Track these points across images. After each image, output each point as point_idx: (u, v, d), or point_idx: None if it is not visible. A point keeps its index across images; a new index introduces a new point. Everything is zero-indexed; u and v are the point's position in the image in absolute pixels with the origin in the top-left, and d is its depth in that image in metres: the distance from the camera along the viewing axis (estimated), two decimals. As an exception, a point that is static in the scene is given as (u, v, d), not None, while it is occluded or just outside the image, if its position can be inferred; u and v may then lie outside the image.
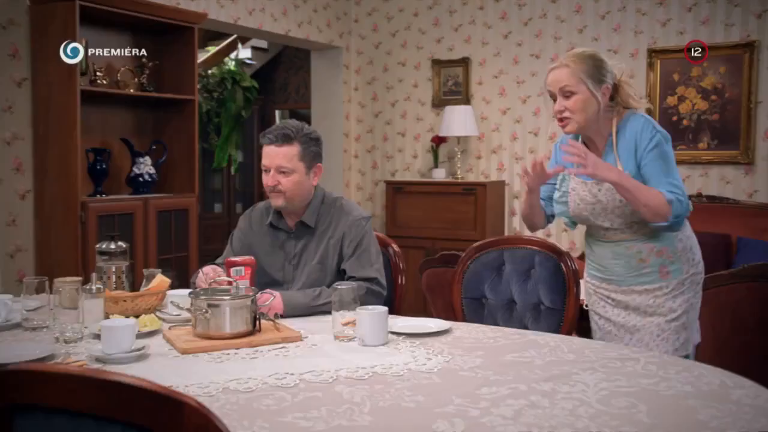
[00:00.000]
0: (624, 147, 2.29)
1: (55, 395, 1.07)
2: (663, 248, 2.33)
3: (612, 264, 2.39)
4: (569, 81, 2.25)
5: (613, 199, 2.28)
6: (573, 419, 1.36)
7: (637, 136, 2.27)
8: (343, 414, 1.41)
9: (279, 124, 2.57)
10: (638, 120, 2.31)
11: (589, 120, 2.29)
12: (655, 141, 2.26)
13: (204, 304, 2.00)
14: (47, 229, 4.04)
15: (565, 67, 2.28)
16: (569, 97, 2.27)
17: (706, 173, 5.33)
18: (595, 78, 2.25)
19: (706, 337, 2.96)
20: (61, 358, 1.80)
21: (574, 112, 2.27)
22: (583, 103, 2.26)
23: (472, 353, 1.86)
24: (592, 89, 2.25)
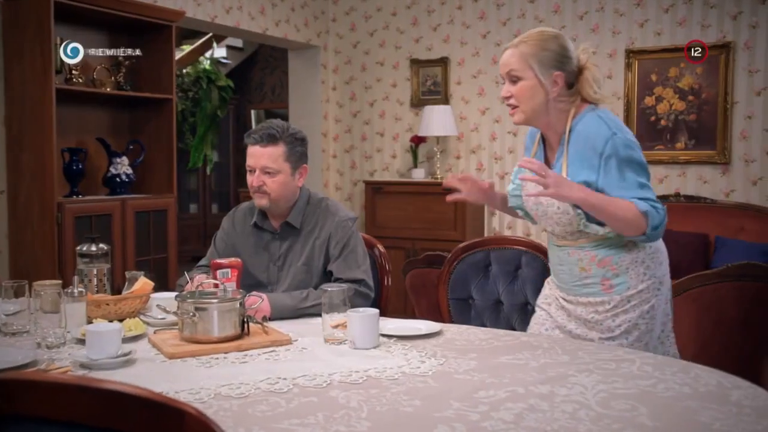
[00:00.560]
0: (575, 150, 2.04)
1: (47, 405, 1.03)
2: (605, 258, 2.08)
3: (559, 270, 2.20)
4: (516, 65, 2.05)
5: (552, 205, 2.06)
6: (575, 423, 1.34)
7: (588, 142, 2.01)
8: (340, 420, 1.38)
9: (264, 123, 2.53)
10: (592, 120, 2.04)
11: (536, 110, 2.06)
12: (611, 148, 1.98)
13: (191, 308, 1.95)
14: (22, 230, 3.95)
15: (514, 48, 2.07)
16: (516, 82, 2.06)
17: (683, 173, 5.37)
18: (545, 63, 2.02)
19: (690, 335, 2.98)
20: (44, 365, 1.75)
21: (520, 100, 2.06)
22: (529, 91, 2.04)
23: (466, 356, 1.84)
24: (539, 75, 2.02)
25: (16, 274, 3.92)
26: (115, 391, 0.98)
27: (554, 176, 1.95)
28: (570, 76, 2.07)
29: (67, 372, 1.72)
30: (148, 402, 0.97)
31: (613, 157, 1.98)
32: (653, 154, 5.43)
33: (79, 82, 4.17)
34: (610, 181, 1.99)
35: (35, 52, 3.85)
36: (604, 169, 1.99)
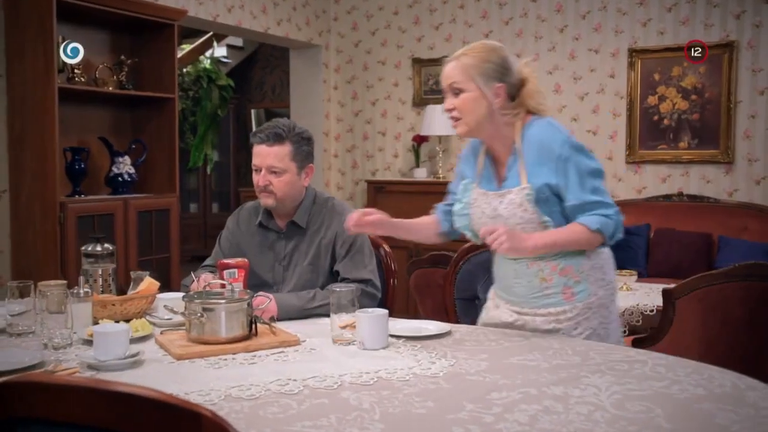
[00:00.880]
0: (531, 158, 2.04)
1: (61, 408, 1.01)
2: (567, 266, 2.07)
3: (514, 284, 2.15)
4: (458, 77, 2.02)
5: (514, 215, 2.04)
6: (591, 425, 1.33)
7: (544, 146, 2.02)
8: (353, 422, 1.37)
9: (270, 123, 2.51)
10: (542, 127, 2.06)
11: (480, 122, 2.04)
12: (566, 151, 2.00)
13: (199, 308, 1.94)
14: (24, 230, 3.94)
15: (456, 60, 2.05)
16: (458, 94, 2.03)
17: (686, 172, 5.36)
18: (487, 75, 2.01)
19: (696, 335, 2.97)
20: (51, 366, 1.73)
21: (462, 113, 2.04)
22: (472, 103, 2.02)
23: (476, 356, 1.82)
24: (482, 87, 2.01)
25: (18, 274, 3.90)
26: (129, 394, 0.97)
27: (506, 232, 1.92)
28: (511, 89, 2.06)
29: (75, 373, 1.71)
30: (163, 404, 0.96)
31: (570, 159, 2.00)
32: (656, 154, 5.42)
33: (81, 81, 4.16)
34: (570, 183, 2.00)
35: (37, 51, 3.83)
36: (562, 171, 2.00)
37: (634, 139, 5.49)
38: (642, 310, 3.68)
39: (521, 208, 2.03)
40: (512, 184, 2.07)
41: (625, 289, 3.97)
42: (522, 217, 2.03)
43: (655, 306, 3.66)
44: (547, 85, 5.83)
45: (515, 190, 2.05)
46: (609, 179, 5.64)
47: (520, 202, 2.03)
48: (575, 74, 5.72)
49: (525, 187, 2.03)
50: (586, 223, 1.99)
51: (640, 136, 5.46)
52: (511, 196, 2.05)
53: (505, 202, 2.06)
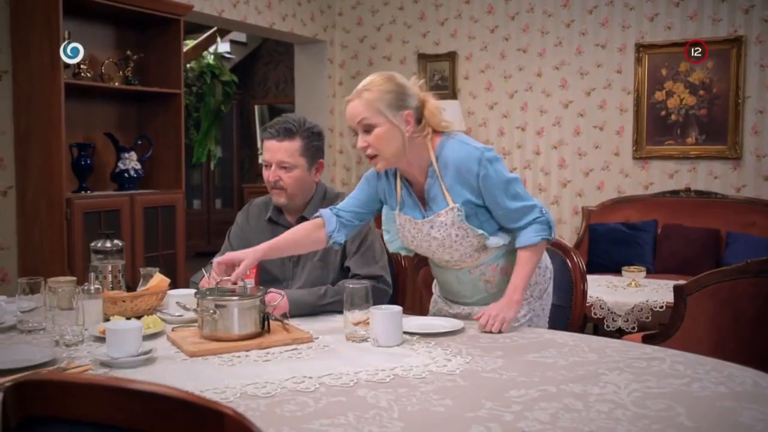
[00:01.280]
0: (450, 178, 2.08)
1: (81, 407, 1.00)
2: (506, 266, 2.17)
3: (458, 288, 2.25)
4: (365, 113, 2.02)
5: (449, 236, 2.10)
6: (612, 423, 1.31)
7: (462, 166, 2.06)
8: (372, 420, 1.35)
9: (280, 118, 2.49)
10: (455, 146, 2.09)
11: (397, 153, 2.05)
12: (484, 167, 2.05)
13: (211, 305, 1.92)
14: (31, 226, 3.92)
15: (359, 98, 2.04)
16: (370, 131, 2.03)
17: (694, 168, 5.34)
18: (393, 105, 2.01)
19: (707, 331, 2.96)
20: (64, 363, 1.72)
21: (378, 149, 2.04)
22: (386, 135, 2.02)
23: (491, 353, 1.81)
24: (391, 119, 2.01)
25: (25, 271, 3.89)
26: (152, 393, 0.95)
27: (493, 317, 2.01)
28: (416, 112, 2.08)
29: (88, 371, 1.69)
30: (186, 403, 0.94)
31: (489, 174, 2.06)
32: (663, 149, 5.40)
33: (87, 76, 4.14)
34: (494, 195, 2.07)
35: (43, 47, 3.81)
36: (484, 188, 2.07)
37: (641, 134, 5.46)
38: (651, 307, 3.67)
39: (454, 227, 2.10)
40: (438, 207, 2.12)
41: (634, 286, 3.96)
42: (457, 234, 2.10)
43: (665, 302, 3.65)
44: (553, 81, 5.81)
45: (443, 213, 2.10)
46: (616, 175, 5.63)
47: (452, 222, 2.09)
48: (582, 69, 5.69)
49: (453, 207, 2.09)
50: (529, 242, 2.09)
51: (647, 132, 5.44)
52: (441, 218, 2.10)
53: (436, 225, 2.11)
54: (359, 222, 2.29)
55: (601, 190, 5.68)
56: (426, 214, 2.15)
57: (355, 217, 2.26)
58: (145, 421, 0.96)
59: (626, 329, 3.68)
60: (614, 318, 3.70)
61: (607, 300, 3.72)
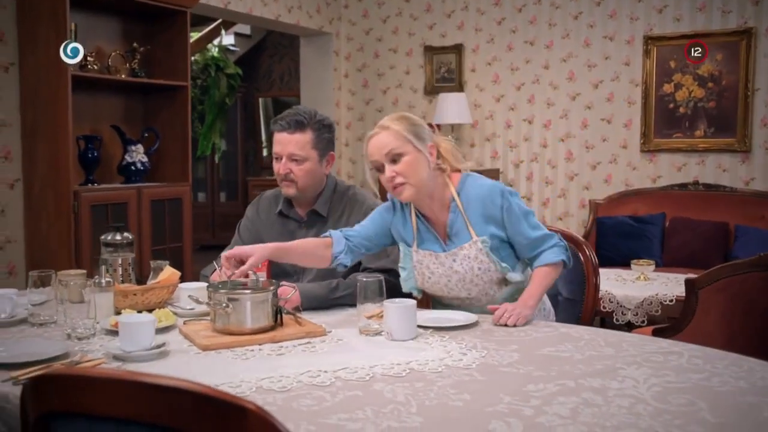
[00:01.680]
0: (474, 212, 2.15)
1: (101, 402, 0.99)
2: (520, 288, 2.19)
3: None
4: (394, 143, 2.07)
5: (471, 269, 2.14)
6: (634, 418, 1.30)
7: (486, 199, 2.14)
8: (390, 415, 1.34)
9: (291, 110, 2.47)
10: (477, 182, 2.18)
11: (424, 181, 2.11)
12: (507, 200, 2.14)
13: (224, 298, 1.91)
14: (38, 219, 3.91)
15: (385, 130, 2.10)
16: (397, 160, 2.08)
17: (702, 161, 5.32)
18: (419, 136, 2.09)
19: (718, 325, 2.94)
20: (77, 357, 1.71)
21: (407, 176, 2.07)
22: (414, 164, 2.07)
23: (507, 347, 1.79)
24: (419, 147, 2.08)
25: (32, 264, 3.88)
26: (175, 388, 0.94)
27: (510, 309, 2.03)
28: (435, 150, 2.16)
29: (101, 364, 1.68)
30: (209, 399, 0.93)
31: (511, 206, 2.14)
32: (671, 142, 5.38)
33: (94, 69, 4.12)
34: (521, 228, 2.15)
35: (50, 39, 3.80)
36: (508, 219, 2.14)
37: (649, 127, 5.44)
38: (661, 300, 3.65)
39: (477, 261, 2.14)
40: (461, 240, 2.16)
41: (643, 279, 3.94)
42: (479, 268, 2.14)
43: (675, 296, 3.63)
44: (560, 73, 5.78)
45: (466, 246, 2.14)
46: (623, 168, 5.60)
47: (475, 255, 2.13)
48: (589, 62, 5.66)
49: (477, 240, 2.13)
50: (548, 260, 2.15)
51: (655, 125, 5.42)
52: (464, 252, 2.14)
53: (459, 259, 2.15)
54: (366, 251, 2.28)
55: (608, 183, 5.66)
56: (447, 248, 2.18)
57: (362, 246, 2.26)
58: (167, 416, 0.95)
59: (635, 323, 3.66)
60: (623, 312, 3.68)
61: (616, 293, 3.70)
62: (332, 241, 2.22)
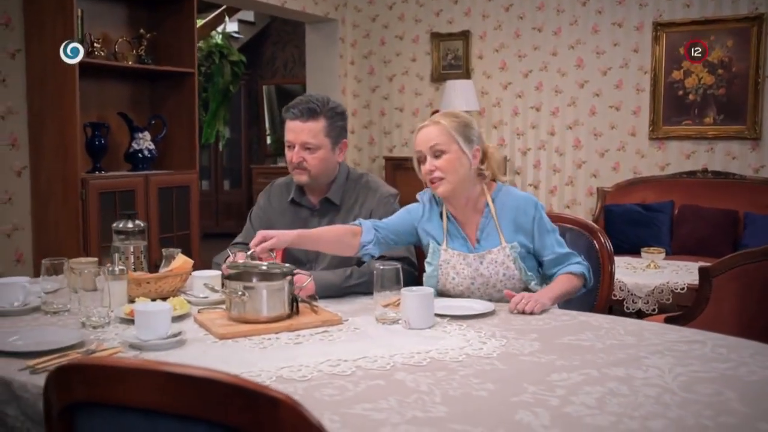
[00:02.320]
0: (506, 220, 2.20)
1: (129, 393, 0.97)
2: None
3: None
4: (440, 139, 2.13)
5: (496, 273, 2.17)
6: (662, 408, 1.28)
7: (520, 209, 2.20)
8: (414, 404, 1.32)
9: (303, 97, 2.44)
10: (512, 192, 2.25)
11: (461, 182, 2.15)
12: (539, 212, 2.20)
13: (240, 287, 1.89)
14: (45, 207, 3.89)
15: (435, 124, 2.16)
16: (440, 156, 2.14)
17: (711, 148, 5.28)
18: (466, 137, 2.15)
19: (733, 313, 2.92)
20: (93, 345, 1.69)
21: (446, 172, 2.13)
22: (456, 162, 2.13)
23: (526, 336, 1.78)
24: (463, 148, 2.13)
25: (39, 251, 3.87)
26: (205, 378, 0.93)
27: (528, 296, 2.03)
28: (481, 155, 2.21)
29: (118, 353, 1.67)
30: (241, 390, 0.91)
31: (542, 219, 2.20)
32: (680, 129, 5.34)
33: (101, 55, 4.09)
34: (549, 242, 2.20)
35: (57, 25, 3.76)
36: (538, 231, 2.19)
37: (657, 114, 5.40)
38: (672, 288, 3.63)
39: (503, 266, 2.16)
40: (490, 244, 2.19)
41: (653, 267, 3.92)
42: (504, 274, 2.17)
43: (686, 284, 3.61)
44: (568, 60, 5.74)
45: (495, 251, 2.17)
46: (632, 155, 5.57)
47: (502, 260, 2.16)
48: (598, 48, 5.62)
49: (506, 246, 2.17)
50: (572, 270, 2.18)
51: (664, 112, 5.38)
52: (492, 256, 2.17)
53: (486, 262, 2.17)
54: (393, 245, 2.29)
55: (616, 170, 5.63)
56: (475, 250, 2.20)
57: (390, 239, 2.27)
58: (196, 407, 0.93)
59: (646, 311, 3.64)
60: (634, 300, 3.66)
61: (626, 281, 3.68)
62: (362, 230, 2.21)
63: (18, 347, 1.64)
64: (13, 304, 2.05)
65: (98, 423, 1.04)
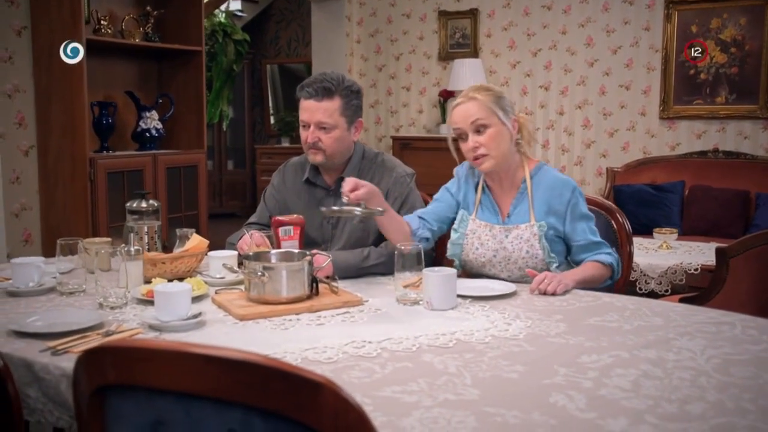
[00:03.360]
0: (540, 199, 2.17)
1: (164, 376, 0.94)
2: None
3: None
4: (480, 113, 2.10)
5: (519, 249, 2.14)
6: (699, 391, 1.25)
7: (556, 189, 2.16)
8: (445, 387, 1.30)
9: (318, 76, 2.40)
10: (552, 172, 2.22)
11: (505, 155, 2.14)
12: (575, 197, 2.17)
13: (259, 267, 1.86)
14: (53, 187, 3.86)
15: (472, 100, 2.13)
16: (482, 131, 2.11)
17: (722, 128, 5.24)
18: (503, 109, 2.13)
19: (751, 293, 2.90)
20: (113, 326, 1.67)
21: (490, 148, 2.11)
22: (498, 136, 2.11)
23: (551, 317, 1.75)
24: (503, 120, 2.12)
25: (48, 231, 3.84)
26: (244, 361, 0.90)
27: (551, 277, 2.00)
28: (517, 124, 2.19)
29: (138, 334, 1.64)
30: (280, 373, 0.89)
31: (577, 204, 2.17)
32: (691, 109, 5.29)
33: (107, 32, 4.03)
34: (581, 227, 2.16)
35: (63, 1, 3.71)
36: (570, 215, 2.16)
37: (668, 94, 5.35)
38: (686, 269, 3.60)
39: (528, 243, 2.14)
40: (519, 220, 2.18)
41: (665, 248, 3.89)
42: (528, 252, 2.14)
43: (699, 264, 3.58)
44: (578, 39, 5.68)
45: (523, 227, 2.15)
46: (642, 135, 5.52)
47: (528, 238, 2.14)
48: (608, 27, 5.55)
49: (534, 224, 2.15)
50: (600, 259, 2.15)
51: (675, 91, 5.32)
52: (518, 231, 2.15)
53: (511, 236, 2.16)
54: (438, 230, 2.29)
55: (625, 150, 5.59)
56: (504, 223, 2.19)
57: (434, 225, 2.27)
58: (234, 391, 0.91)
59: (659, 291, 3.62)
60: (647, 280, 3.64)
61: (639, 262, 3.65)
62: (408, 220, 2.23)
63: (38, 328, 1.62)
64: (28, 285, 2.02)
65: (129, 406, 1.01)
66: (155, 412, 0.99)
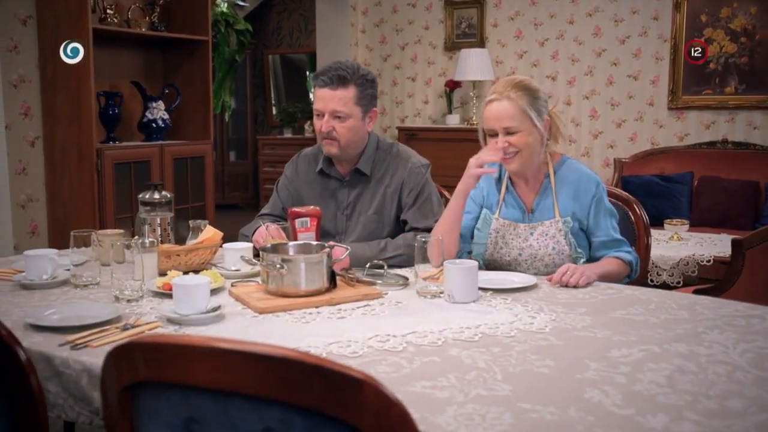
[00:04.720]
0: (565, 194, 2.16)
1: (200, 373, 0.91)
2: None
3: None
4: (513, 120, 2.07)
5: (546, 246, 2.13)
6: (738, 386, 1.23)
7: (581, 185, 2.16)
8: (476, 382, 1.27)
9: (332, 64, 2.36)
10: (576, 166, 2.21)
11: (534, 155, 2.13)
12: (599, 192, 2.16)
13: (278, 259, 1.83)
14: (59, 178, 3.83)
15: (507, 99, 2.08)
16: (514, 133, 2.09)
17: (732, 119, 5.20)
18: (537, 111, 2.10)
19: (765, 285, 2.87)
20: (132, 320, 1.64)
21: (520, 149, 2.10)
22: (529, 138, 2.09)
23: (575, 310, 1.73)
24: (536, 123, 2.09)
25: (54, 223, 3.81)
26: (283, 358, 0.87)
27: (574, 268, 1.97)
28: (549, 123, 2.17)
29: (156, 328, 1.61)
30: (321, 370, 0.86)
31: (601, 199, 2.16)
32: (700, 99, 5.25)
33: (114, 22, 3.99)
34: (604, 223, 2.16)
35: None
36: (594, 210, 2.15)
37: (677, 84, 5.31)
38: (698, 260, 3.58)
39: (554, 240, 2.13)
40: (544, 217, 2.16)
41: (676, 239, 3.86)
42: (554, 248, 2.13)
43: (712, 256, 3.56)
44: (586, 28, 5.63)
45: (548, 223, 2.14)
46: (650, 126, 5.49)
47: (553, 234, 2.13)
48: (616, 17, 5.51)
49: (559, 220, 2.13)
50: (620, 256, 2.14)
51: (683, 81, 5.28)
52: (543, 228, 2.14)
53: (536, 233, 2.14)
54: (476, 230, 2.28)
55: (633, 141, 5.55)
56: (529, 219, 2.18)
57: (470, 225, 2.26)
58: (273, 388, 0.88)
59: (671, 283, 3.59)
60: (659, 272, 3.61)
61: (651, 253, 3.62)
62: None
63: (55, 322, 1.59)
64: (42, 277, 1.99)
65: (161, 403, 0.98)
66: (189, 409, 0.96)
